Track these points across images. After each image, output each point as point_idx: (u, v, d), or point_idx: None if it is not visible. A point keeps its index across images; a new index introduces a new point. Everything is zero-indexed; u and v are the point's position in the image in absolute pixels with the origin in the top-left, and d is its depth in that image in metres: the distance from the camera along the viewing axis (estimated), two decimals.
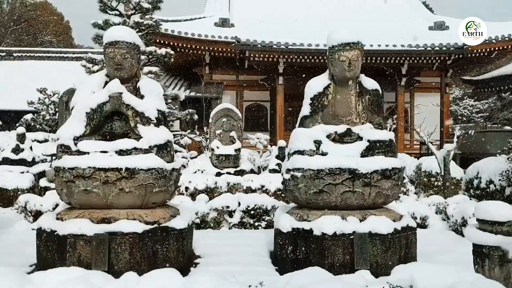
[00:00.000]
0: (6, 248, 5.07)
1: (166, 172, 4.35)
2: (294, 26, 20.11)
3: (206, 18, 21.87)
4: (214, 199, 7.15)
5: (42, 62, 30.09)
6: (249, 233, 6.29)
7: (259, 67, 20.06)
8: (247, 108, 22.36)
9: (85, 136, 4.38)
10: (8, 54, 31.60)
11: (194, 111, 16.12)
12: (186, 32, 19.00)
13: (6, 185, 8.98)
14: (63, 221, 4.17)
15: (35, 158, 12.37)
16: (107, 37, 4.60)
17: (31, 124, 19.31)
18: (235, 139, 11.26)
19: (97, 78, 4.78)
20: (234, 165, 10.88)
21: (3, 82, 24.52)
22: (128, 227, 4.02)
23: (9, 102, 22.59)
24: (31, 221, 6.62)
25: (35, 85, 21.65)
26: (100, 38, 13.22)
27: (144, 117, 4.49)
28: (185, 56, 20.05)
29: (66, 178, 4.17)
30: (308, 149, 4.51)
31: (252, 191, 8.44)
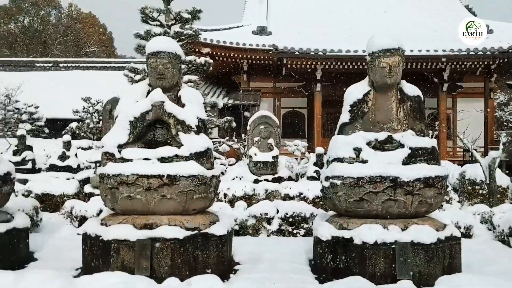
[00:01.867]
0: (53, 252, 5.26)
1: (206, 179, 4.40)
2: (331, 32, 20.01)
3: (244, 26, 22.08)
4: (252, 206, 7.18)
5: (86, 72, 31.14)
6: (288, 241, 6.27)
7: (297, 74, 20.06)
8: (285, 115, 22.36)
9: (129, 144, 4.50)
10: (55, 64, 32.93)
11: (232, 118, 16.27)
12: (225, 41, 19.26)
13: (53, 191, 9.29)
14: (107, 227, 4.29)
15: (80, 165, 12.80)
16: (149, 48, 4.72)
17: (76, 132, 19.97)
18: (273, 146, 11.27)
19: (140, 88, 4.91)
20: (272, 172, 10.89)
21: (51, 91, 25.48)
22: (169, 233, 4.09)
23: (56, 111, 23.45)
24: (76, 226, 6.84)
25: (80, 94, 22.42)
26: (141, 48, 13.59)
27: (185, 125, 4.57)
28: (223, 64, 20.32)
29: (110, 184, 4.29)
30: (348, 157, 4.47)
31: (290, 198, 8.42)
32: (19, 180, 8.89)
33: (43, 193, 9.17)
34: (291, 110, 22.52)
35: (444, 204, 8.23)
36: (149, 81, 4.88)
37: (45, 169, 12.85)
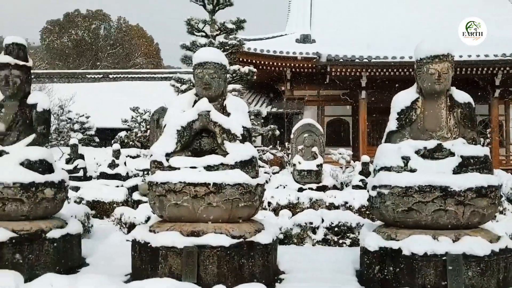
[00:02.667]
0: (104, 258, 5.42)
1: (251, 187, 4.43)
2: (376, 38, 19.71)
3: (287, 35, 22.12)
4: (297, 214, 7.13)
5: (134, 83, 32.10)
6: (333, 250, 6.19)
7: (341, 81, 19.88)
8: (329, 123, 22.16)
9: (176, 153, 4.60)
10: (105, 75, 34.15)
11: (276, 126, 16.30)
12: (268, 50, 19.37)
13: (103, 198, 9.60)
14: (155, 233, 4.39)
15: (128, 173, 13.18)
16: (196, 58, 4.83)
17: (125, 140, 20.59)
18: (317, 154, 11.19)
19: (187, 97, 5.02)
20: (316, 181, 10.81)
21: (101, 102, 26.41)
22: (215, 240, 4.14)
23: (106, 120, 24.26)
24: (125, 233, 7.03)
25: (128, 104, 23.13)
26: (187, 58, 13.90)
27: (231, 133, 4.63)
28: (267, 73, 20.42)
29: (159, 192, 4.40)
30: (396, 165, 4.38)
31: (335, 207, 8.31)
32: (72, 188, 9.24)
33: (94, 200, 9.49)
34: (335, 118, 22.30)
35: (498, 215, 7.89)
36: (195, 91, 4.98)
37: (96, 177, 13.32)
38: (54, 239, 4.68)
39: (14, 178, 4.52)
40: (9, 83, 4.99)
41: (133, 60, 48.38)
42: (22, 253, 4.46)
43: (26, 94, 5.17)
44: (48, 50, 49.34)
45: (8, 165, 4.61)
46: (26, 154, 4.76)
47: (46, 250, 4.62)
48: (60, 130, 21.82)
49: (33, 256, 4.53)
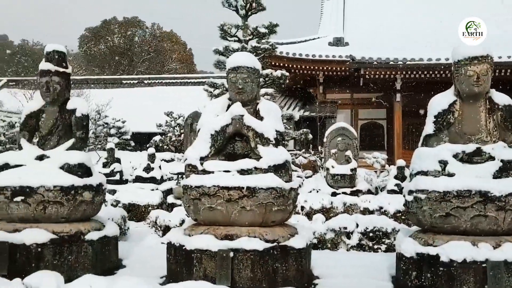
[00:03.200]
0: (140, 260, 5.51)
1: (285, 192, 4.42)
2: (410, 40, 19.38)
3: (320, 38, 22.04)
4: (330, 219, 7.08)
5: (168, 88, 32.63)
6: (368, 256, 6.10)
7: (375, 84, 19.63)
8: (363, 127, 21.90)
9: (210, 157, 4.64)
10: (140, 81, 34.86)
11: (308, 130, 16.24)
12: (301, 54, 19.33)
13: (139, 201, 9.80)
14: (190, 237, 4.43)
15: (163, 176, 13.40)
16: (229, 63, 4.87)
17: (159, 145, 20.95)
18: (351, 158, 11.08)
19: (220, 102, 5.06)
20: (350, 185, 10.70)
21: (136, 107, 26.97)
22: (249, 244, 4.15)
23: (141, 125, 24.76)
24: (160, 235, 7.14)
25: (163, 108, 23.53)
26: (220, 63, 14.04)
27: (264, 137, 4.63)
28: (299, 76, 20.40)
29: (193, 195, 4.45)
30: (433, 170, 4.28)
31: (370, 212, 8.20)
32: (109, 191, 9.46)
33: (129, 203, 9.70)
34: (369, 122, 22.02)
35: None
36: (229, 96, 5.02)
37: (132, 180, 13.62)
38: (92, 241, 4.80)
39: (55, 182, 4.66)
40: (50, 90, 5.16)
41: (167, 66, 49.23)
42: (62, 254, 4.60)
43: (65, 100, 5.33)
44: (85, 56, 50.84)
45: (49, 169, 4.76)
46: (66, 158, 4.90)
47: (84, 251, 4.73)
48: (97, 134, 22.40)
49: (72, 257, 4.65)
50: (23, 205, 4.62)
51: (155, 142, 21.34)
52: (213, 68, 15.42)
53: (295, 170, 13.89)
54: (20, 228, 4.62)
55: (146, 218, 7.98)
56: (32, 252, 4.50)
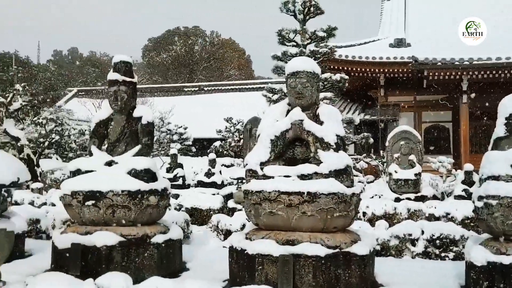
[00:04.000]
0: (203, 263, 5.63)
1: (346, 197, 4.35)
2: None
3: (380, 40, 21.57)
4: (394, 226, 6.88)
5: (227, 94, 33.17)
6: (435, 264, 5.87)
7: (439, 86, 18.87)
8: (427, 130, 21.12)
9: (270, 162, 4.66)
10: (200, 89, 35.69)
11: (369, 134, 15.90)
12: (360, 56, 18.99)
13: (201, 206, 9.99)
14: (251, 241, 4.47)
15: (223, 181, 13.60)
16: (288, 68, 4.88)
17: (219, 150, 21.31)
18: (415, 162, 10.72)
19: (279, 107, 5.08)
20: (414, 190, 10.35)
21: (197, 113, 27.63)
22: (311, 250, 4.12)
23: (202, 131, 25.32)
24: (222, 239, 7.25)
25: (222, 115, 23.95)
26: (278, 68, 14.09)
27: (324, 142, 4.59)
28: (359, 79, 20.03)
29: (254, 200, 4.49)
30: (505, 174, 4.06)
31: (436, 218, 7.88)
32: (172, 195, 9.73)
33: (192, 207, 9.91)
34: (433, 124, 21.19)
35: None
36: (288, 101, 5.02)
37: (194, 185, 13.92)
38: (158, 244, 4.96)
39: (123, 186, 4.87)
40: (118, 99, 5.41)
41: (226, 73, 50.10)
42: (129, 256, 4.78)
43: (132, 108, 5.56)
44: (149, 66, 52.82)
45: (118, 174, 4.98)
46: (133, 164, 5.10)
47: (150, 254, 4.90)
48: (161, 141, 23.15)
49: (139, 259, 4.83)
50: (94, 208, 4.86)
51: (215, 148, 21.75)
52: (271, 73, 15.51)
53: (356, 175, 13.64)
54: (91, 230, 4.86)
55: (208, 222, 8.13)
56: (102, 253, 4.72)
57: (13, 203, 7.55)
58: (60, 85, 37.21)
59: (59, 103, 31.41)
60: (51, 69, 44.37)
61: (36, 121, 18.69)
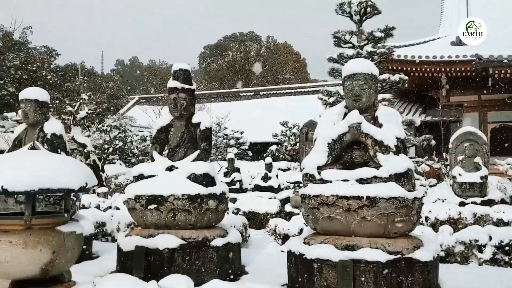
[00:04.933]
0: (261, 267, 5.65)
1: (408, 201, 4.23)
2: None
3: (441, 38, 20.82)
4: (459, 231, 6.59)
5: (283, 98, 33.23)
6: (504, 272, 5.56)
7: (506, 84, 17.91)
8: (493, 130, 20.09)
9: (328, 166, 4.62)
10: (256, 93, 36.01)
11: (431, 136, 15.36)
12: (420, 55, 18.42)
13: (258, 210, 10.06)
14: (310, 246, 4.44)
15: (280, 185, 13.62)
16: (345, 71, 4.82)
17: (276, 154, 21.36)
18: (480, 165, 10.23)
19: (336, 110, 5.02)
20: (480, 194, 9.88)
21: (253, 118, 27.87)
22: (371, 255, 4.03)
23: (258, 135, 25.52)
24: (280, 243, 7.26)
25: (278, 118, 24.00)
26: (334, 71, 13.95)
27: (383, 145, 4.48)
28: (418, 80, 19.41)
29: (311, 205, 4.46)
30: None
31: (505, 223, 7.47)
32: (230, 199, 9.87)
33: (249, 211, 10.01)
34: (501, 125, 20.12)
35: None
36: (345, 103, 4.95)
37: (251, 189, 14.05)
38: (217, 247, 5.04)
39: (183, 191, 5.00)
40: (177, 105, 5.58)
41: (281, 76, 50.22)
42: (190, 259, 4.90)
43: (191, 114, 5.71)
44: (205, 72, 53.97)
45: (178, 179, 5.13)
46: (192, 169, 5.23)
47: (210, 257, 4.99)
48: (218, 145, 23.56)
49: (200, 262, 4.93)
50: (156, 212, 5.03)
51: (271, 152, 21.82)
52: (327, 76, 15.39)
53: (417, 179, 13.21)
54: (154, 233, 5.03)
55: (266, 226, 8.16)
56: (164, 256, 4.86)
57: (81, 207, 7.94)
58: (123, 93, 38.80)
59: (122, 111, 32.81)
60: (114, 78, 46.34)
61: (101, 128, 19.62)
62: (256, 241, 7.72)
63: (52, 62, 34.81)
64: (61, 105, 19.92)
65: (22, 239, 3.38)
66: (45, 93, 6.34)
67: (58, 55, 36.73)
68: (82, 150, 15.56)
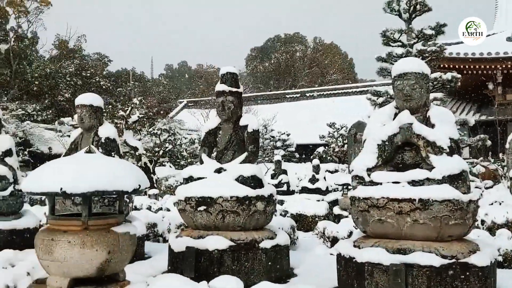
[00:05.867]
0: (310, 270, 5.61)
1: (462, 204, 4.08)
2: None
3: (495, 34, 19.96)
4: None
5: (329, 99, 32.93)
6: None
7: None
8: None
9: (378, 167, 4.53)
10: (302, 94, 35.87)
11: (486, 136, 14.75)
12: (474, 53, 17.75)
13: (306, 212, 10.01)
14: (360, 249, 4.37)
15: (328, 187, 13.49)
16: (395, 70, 4.71)
17: (323, 156, 21.19)
18: None
19: (386, 111, 4.92)
20: None
21: (299, 120, 27.78)
22: (424, 259, 3.92)
23: (304, 137, 25.41)
24: (328, 246, 7.19)
25: (324, 120, 23.81)
26: (383, 70, 13.67)
27: (436, 146, 4.35)
28: (472, 78, 18.71)
29: (361, 207, 4.39)
30: None
31: None
32: (277, 201, 9.87)
33: (297, 213, 9.98)
34: None
35: None
36: (395, 104, 4.85)
37: (298, 191, 14.00)
38: (266, 249, 5.05)
39: (231, 192, 5.06)
40: (225, 108, 5.65)
41: (328, 77, 49.75)
42: (239, 260, 4.94)
43: (238, 117, 5.77)
44: (252, 75, 54.32)
45: (226, 181, 5.19)
46: (240, 171, 5.28)
47: (259, 259, 5.01)
48: (265, 147, 23.64)
49: (248, 263, 4.96)
50: (206, 214, 5.11)
51: (318, 154, 21.65)
52: (374, 76, 15.16)
53: (472, 181, 12.72)
54: (204, 235, 5.11)
55: (314, 229, 8.11)
56: (214, 257, 4.93)
57: (133, 208, 8.19)
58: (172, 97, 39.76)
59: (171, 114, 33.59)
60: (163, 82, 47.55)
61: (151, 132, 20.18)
62: (304, 243, 7.68)
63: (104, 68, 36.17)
64: (113, 110, 20.66)
65: (80, 239, 3.53)
66: (99, 98, 6.58)
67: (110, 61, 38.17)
68: (134, 153, 16.05)
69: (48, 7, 33.46)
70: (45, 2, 33.21)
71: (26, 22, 33.04)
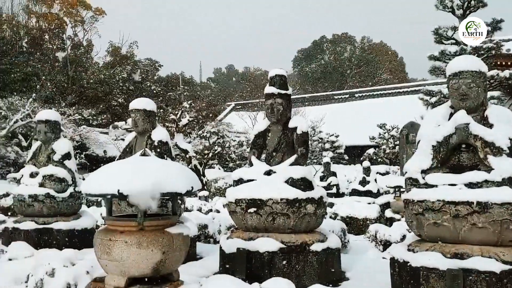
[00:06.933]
0: (362, 273, 5.51)
1: None
2: None
3: None
4: None
5: (379, 99, 32.25)
6: None
7: None
8: None
9: (432, 169, 4.40)
10: (351, 95, 35.36)
11: None
12: None
13: (356, 215, 9.86)
14: (414, 253, 4.26)
15: (379, 189, 13.22)
16: (450, 69, 4.56)
17: (373, 157, 20.77)
18: None
19: (441, 111, 4.77)
20: None
21: (348, 121, 27.38)
22: (483, 265, 3.76)
23: (354, 138, 25.01)
24: (381, 250, 7.04)
25: (374, 121, 23.32)
26: (436, 69, 13.26)
27: (495, 147, 4.18)
28: None
29: (416, 210, 4.27)
30: None
31: None
32: (327, 204, 9.78)
33: (347, 216, 9.84)
34: None
35: None
36: (451, 103, 4.69)
37: (348, 194, 13.81)
38: (317, 252, 5.02)
39: (281, 195, 5.06)
40: (274, 111, 5.67)
41: (377, 77, 48.77)
42: (290, 262, 4.94)
43: (287, 119, 5.77)
44: (299, 76, 54.13)
45: (276, 183, 5.20)
46: (289, 173, 5.28)
47: (310, 261, 4.99)
48: (313, 149, 23.47)
49: (299, 266, 4.95)
50: (256, 215, 5.14)
51: (368, 155, 21.25)
52: (426, 75, 14.72)
53: None
54: (254, 236, 5.15)
55: (365, 232, 7.96)
56: (264, 259, 4.96)
57: (184, 210, 8.36)
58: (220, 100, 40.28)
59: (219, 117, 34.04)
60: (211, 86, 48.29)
61: (201, 135, 20.54)
62: (355, 246, 7.56)
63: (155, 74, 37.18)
64: (164, 114, 21.20)
65: (136, 240, 3.64)
66: (152, 103, 6.78)
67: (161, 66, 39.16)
68: (185, 156, 16.40)
69: (103, 16, 34.92)
70: (100, 11, 34.68)
71: (82, 30, 34.67)
